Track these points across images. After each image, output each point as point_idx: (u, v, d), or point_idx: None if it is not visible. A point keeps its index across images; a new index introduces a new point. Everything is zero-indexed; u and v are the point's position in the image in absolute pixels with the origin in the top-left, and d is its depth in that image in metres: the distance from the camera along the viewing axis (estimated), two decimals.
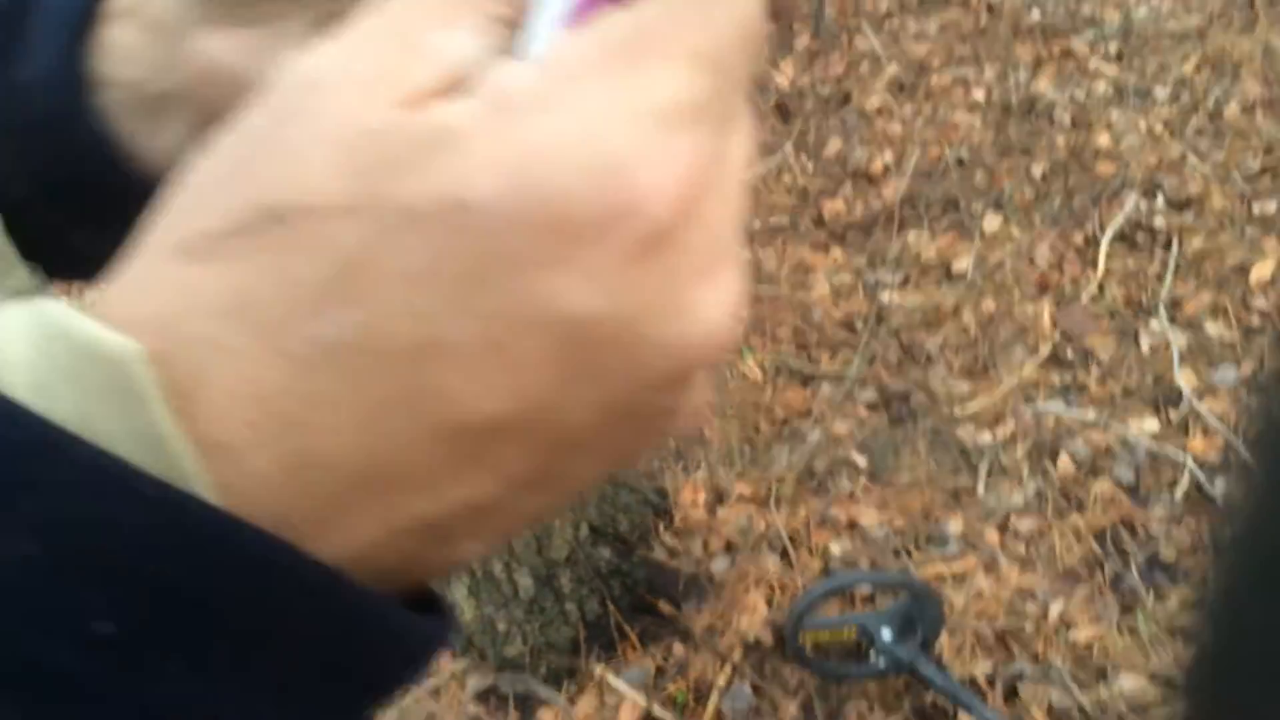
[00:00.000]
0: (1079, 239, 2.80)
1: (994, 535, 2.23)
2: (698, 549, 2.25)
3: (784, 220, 2.97)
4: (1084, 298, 2.66)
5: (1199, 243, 2.72)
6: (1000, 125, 3.15)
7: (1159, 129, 3.04)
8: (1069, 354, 2.56)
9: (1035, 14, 3.50)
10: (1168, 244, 2.74)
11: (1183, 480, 2.26)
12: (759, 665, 2.08)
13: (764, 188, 3.06)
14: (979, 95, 3.26)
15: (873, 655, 1.98)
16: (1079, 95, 3.19)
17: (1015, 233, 2.84)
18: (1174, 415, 2.39)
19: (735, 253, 0.25)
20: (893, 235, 2.90)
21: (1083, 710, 1.94)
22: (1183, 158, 2.95)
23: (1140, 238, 2.78)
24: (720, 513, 2.31)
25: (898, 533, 2.25)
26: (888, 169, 3.09)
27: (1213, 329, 2.54)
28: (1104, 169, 2.96)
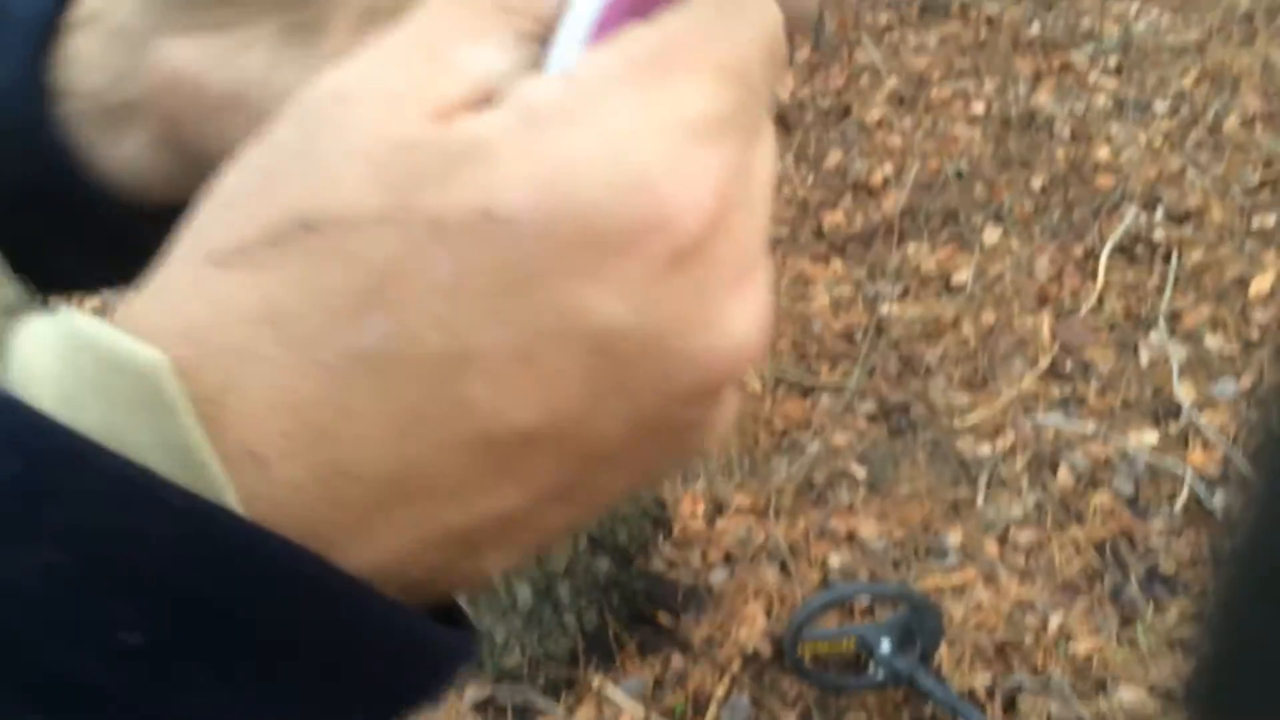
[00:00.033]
0: (1078, 251, 2.80)
1: (993, 547, 2.23)
2: (697, 560, 2.24)
3: (784, 232, 2.98)
4: (1083, 310, 2.67)
5: (1198, 256, 2.72)
6: (1000, 138, 3.16)
7: (1158, 142, 3.05)
8: (1068, 366, 2.56)
9: (1035, 28, 3.51)
10: (1167, 257, 2.75)
11: (1182, 493, 2.27)
12: (758, 677, 2.08)
13: None
14: (979, 108, 3.26)
15: (872, 667, 1.98)
16: (1078, 108, 3.20)
17: (1015, 245, 2.85)
18: (1173, 428, 2.39)
19: (762, 265, 0.25)
20: (893, 247, 2.91)
21: None
22: (1182, 171, 2.95)
23: (1140, 250, 2.79)
24: (719, 524, 2.31)
25: (897, 544, 2.25)
26: (888, 181, 3.09)
27: (1212, 342, 2.54)
28: (1103, 182, 2.96)
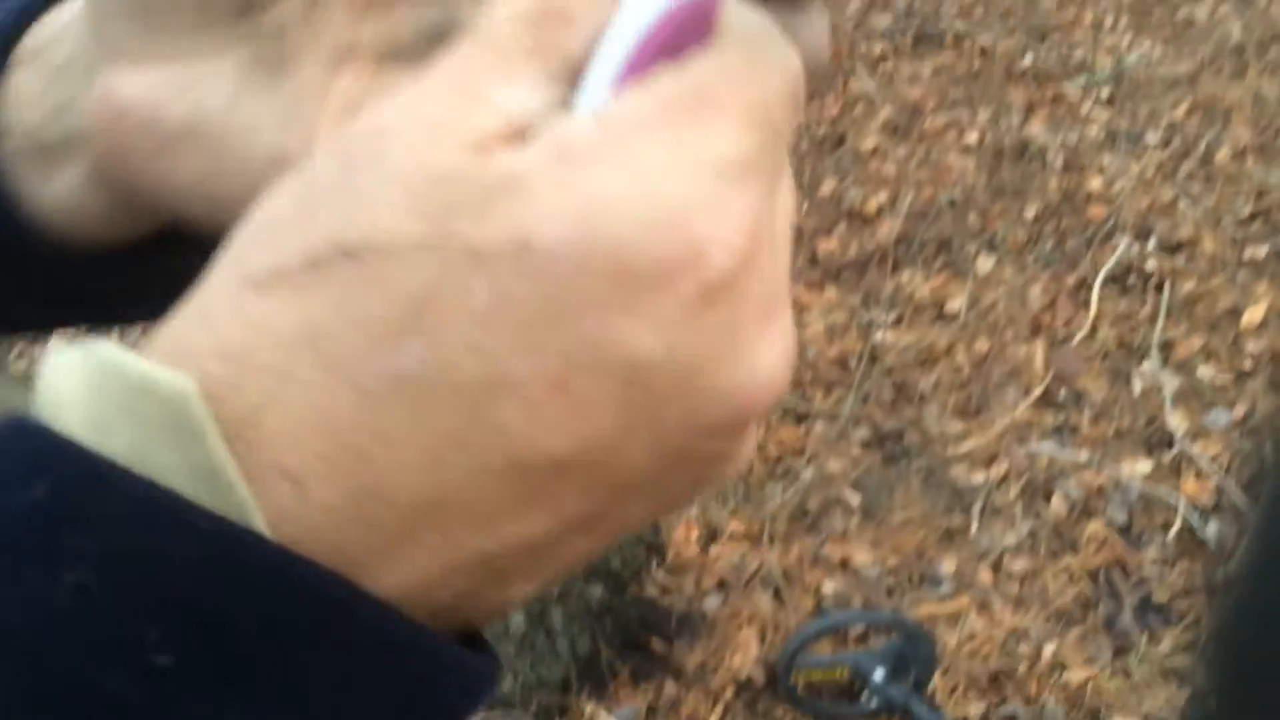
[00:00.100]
0: (1071, 281, 2.81)
1: (987, 575, 2.23)
2: (690, 586, 2.24)
3: None
4: (1076, 339, 2.68)
5: (1191, 286, 2.74)
6: (993, 168, 3.18)
7: (1151, 173, 3.07)
8: (1062, 395, 2.57)
9: (1028, 59, 3.54)
10: (1160, 287, 2.76)
11: (1175, 522, 2.27)
12: (751, 704, 2.07)
13: None
14: (972, 138, 3.28)
15: (865, 695, 1.97)
16: (1071, 139, 3.22)
17: (1008, 274, 2.86)
18: (1166, 457, 2.40)
19: (787, 303, 0.26)
20: (887, 275, 2.92)
21: None
22: (1174, 202, 2.97)
23: (1132, 280, 2.80)
24: (713, 550, 2.31)
25: (891, 572, 2.25)
26: (882, 209, 3.11)
27: (1204, 372, 2.55)
28: (1096, 212, 2.98)
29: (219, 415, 0.24)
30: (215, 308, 0.25)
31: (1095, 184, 3.06)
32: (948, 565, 2.25)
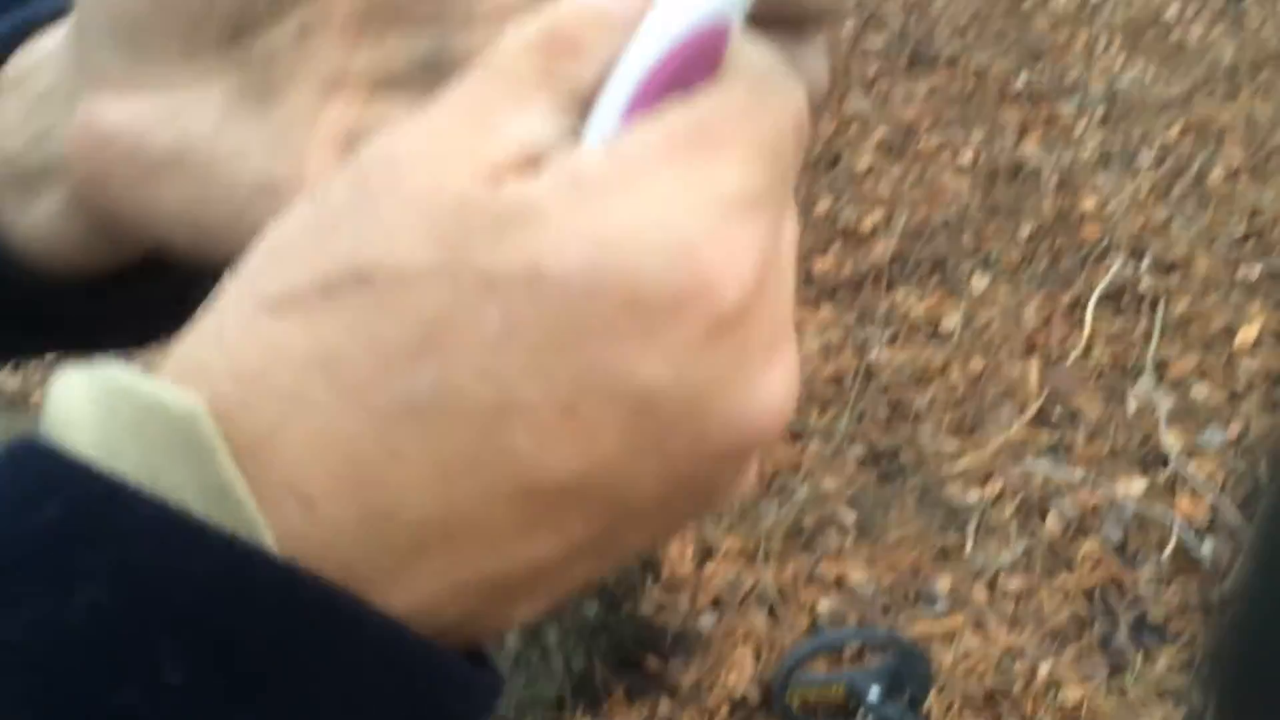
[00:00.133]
0: (1066, 300, 2.82)
1: (982, 594, 2.23)
2: (685, 604, 2.24)
3: None
4: (1071, 358, 2.68)
5: (1185, 305, 2.75)
6: (987, 187, 3.19)
7: (1144, 193, 3.08)
8: (1056, 414, 2.57)
9: (1022, 79, 3.55)
10: (1154, 306, 2.77)
11: (1170, 541, 2.27)
12: None
13: None
14: (966, 158, 3.29)
15: (861, 714, 1.97)
16: (1065, 159, 3.24)
17: (1003, 293, 2.87)
18: (1161, 476, 2.40)
19: (792, 334, 0.26)
20: (881, 294, 2.92)
21: None
22: (1168, 222, 2.98)
23: (1126, 300, 2.81)
24: (708, 568, 2.30)
25: (886, 590, 2.25)
26: (876, 229, 3.12)
27: (1199, 391, 2.56)
28: (1090, 232, 2.99)
29: (230, 435, 0.24)
30: (228, 329, 0.25)
31: (1089, 204, 3.07)
32: (943, 583, 2.25)
